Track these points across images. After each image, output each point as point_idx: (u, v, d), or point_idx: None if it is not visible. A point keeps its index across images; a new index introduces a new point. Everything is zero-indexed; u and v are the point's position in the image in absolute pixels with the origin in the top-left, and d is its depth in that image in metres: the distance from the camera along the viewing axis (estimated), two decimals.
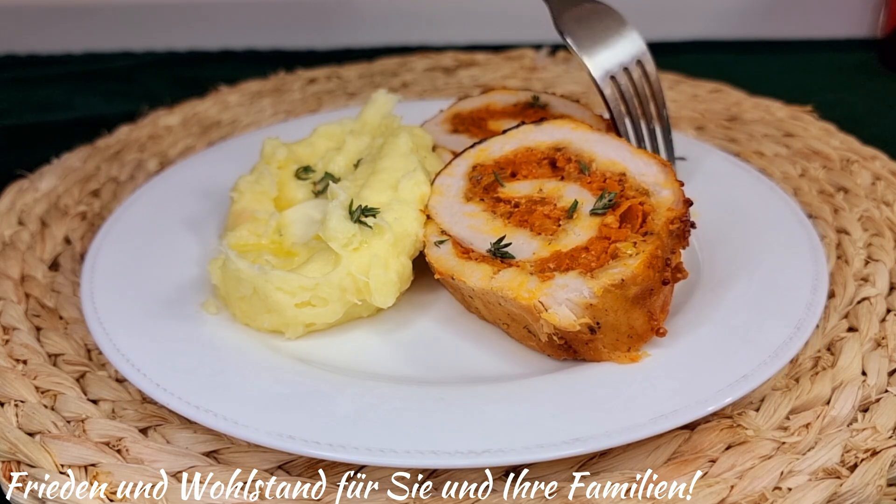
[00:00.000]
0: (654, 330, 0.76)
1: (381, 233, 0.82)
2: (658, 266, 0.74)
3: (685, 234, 0.79)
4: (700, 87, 1.35)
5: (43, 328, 0.88)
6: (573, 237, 0.78)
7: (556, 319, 0.72)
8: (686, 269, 0.80)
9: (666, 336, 0.76)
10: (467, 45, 1.54)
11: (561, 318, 0.72)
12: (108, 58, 1.63)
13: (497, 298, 0.76)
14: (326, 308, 0.81)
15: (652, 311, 0.75)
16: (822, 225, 1.00)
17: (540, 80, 1.38)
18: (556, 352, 0.76)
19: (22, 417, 0.77)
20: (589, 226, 0.79)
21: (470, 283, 0.77)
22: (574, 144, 0.88)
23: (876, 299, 0.88)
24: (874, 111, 1.34)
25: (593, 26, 0.98)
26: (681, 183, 0.81)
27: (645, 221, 0.77)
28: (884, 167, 1.11)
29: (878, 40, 1.53)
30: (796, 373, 0.80)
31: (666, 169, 0.82)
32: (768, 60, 1.52)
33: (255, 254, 0.87)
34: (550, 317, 0.72)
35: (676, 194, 0.79)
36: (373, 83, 1.39)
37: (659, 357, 0.75)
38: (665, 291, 0.77)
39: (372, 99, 1.04)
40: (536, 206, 0.82)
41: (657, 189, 0.80)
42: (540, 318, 0.73)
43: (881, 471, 0.70)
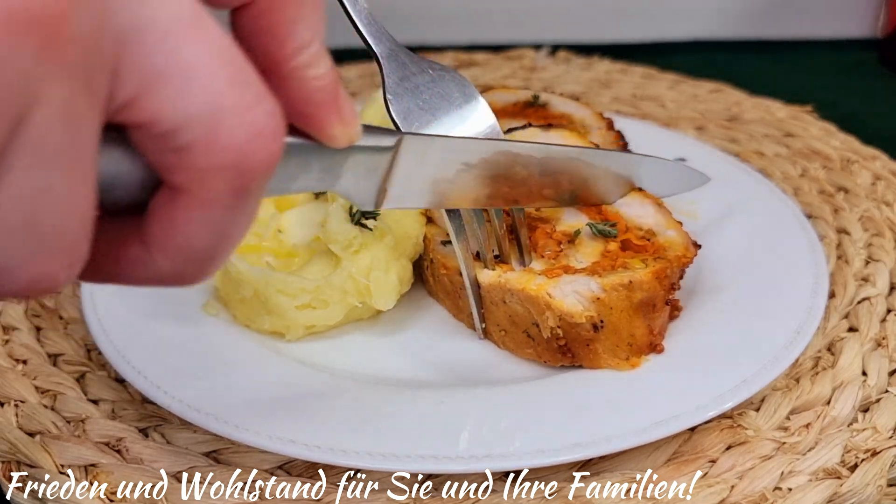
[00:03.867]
0: (652, 345, 0.76)
1: (381, 235, 0.82)
2: (665, 283, 0.75)
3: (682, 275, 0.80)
4: (700, 87, 1.35)
5: (43, 328, 0.88)
6: (578, 259, 0.79)
7: (563, 306, 0.72)
8: (682, 307, 0.81)
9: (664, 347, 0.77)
10: (467, 45, 1.54)
11: (568, 305, 0.72)
12: None
13: (502, 294, 0.76)
14: (327, 310, 0.81)
15: (652, 328, 0.75)
16: (823, 225, 1.00)
17: (540, 80, 1.38)
18: (553, 356, 0.76)
19: (22, 417, 0.77)
20: (592, 251, 0.80)
21: (479, 278, 0.77)
22: None
23: (876, 299, 0.88)
24: (874, 111, 1.34)
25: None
26: (680, 223, 0.83)
27: (657, 251, 0.79)
28: (884, 167, 1.11)
29: (879, 40, 1.53)
30: (796, 373, 0.80)
31: (663, 210, 0.84)
32: (768, 60, 1.52)
33: (256, 255, 0.87)
34: (558, 303, 0.72)
35: (683, 237, 0.81)
36: (373, 83, 1.39)
37: (659, 361, 0.75)
38: (664, 315, 0.77)
39: (372, 99, 1.04)
40: (537, 223, 0.82)
41: (661, 230, 0.82)
42: (546, 310, 0.73)
43: (881, 471, 0.70)
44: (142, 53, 0.40)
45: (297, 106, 0.49)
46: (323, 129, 0.50)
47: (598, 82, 1.38)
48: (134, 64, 0.40)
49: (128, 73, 0.40)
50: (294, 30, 0.48)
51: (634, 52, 1.49)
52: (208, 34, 0.42)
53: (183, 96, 0.41)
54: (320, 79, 0.49)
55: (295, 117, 0.50)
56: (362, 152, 0.56)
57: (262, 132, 0.43)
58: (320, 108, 0.49)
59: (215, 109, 0.42)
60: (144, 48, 0.40)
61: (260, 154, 0.43)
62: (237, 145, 0.43)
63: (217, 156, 0.43)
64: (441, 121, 0.74)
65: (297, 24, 0.48)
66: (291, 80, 0.48)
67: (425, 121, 0.73)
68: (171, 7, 0.41)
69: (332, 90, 0.50)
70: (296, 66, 0.48)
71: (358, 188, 0.59)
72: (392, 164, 0.60)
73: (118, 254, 0.47)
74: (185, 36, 0.41)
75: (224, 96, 0.42)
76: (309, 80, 0.48)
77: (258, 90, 0.44)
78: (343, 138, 0.52)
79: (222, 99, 0.42)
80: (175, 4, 0.41)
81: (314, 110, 0.49)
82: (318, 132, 0.51)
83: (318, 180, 0.54)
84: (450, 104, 0.75)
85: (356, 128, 0.53)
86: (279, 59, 0.48)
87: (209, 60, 0.42)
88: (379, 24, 0.75)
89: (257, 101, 0.43)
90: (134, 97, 0.41)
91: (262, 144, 0.43)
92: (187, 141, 0.42)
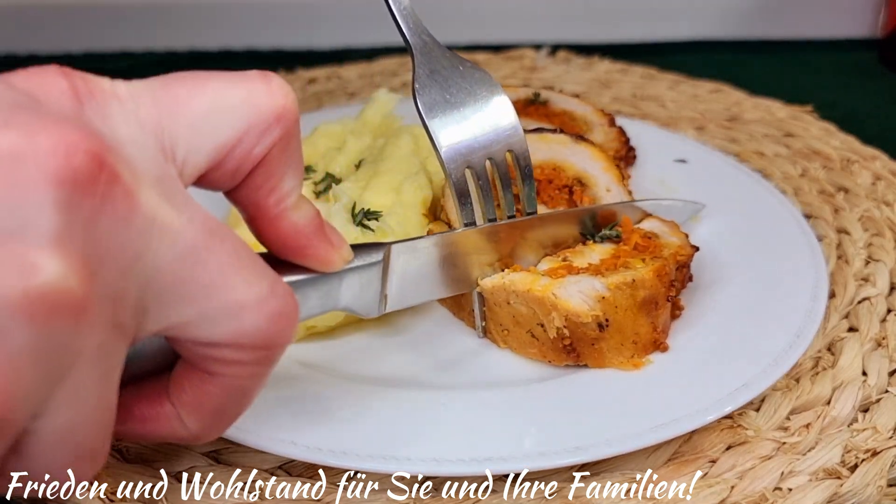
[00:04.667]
0: (656, 343, 0.76)
1: (384, 236, 0.82)
2: (665, 281, 0.76)
3: (684, 277, 0.81)
4: (700, 87, 1.35)
5: None
6: (583, 259, 0.79)
7: (569, 306, 0.72)
8: (683, 305, 0.82)
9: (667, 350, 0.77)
10: (467, 45, 1.54)
11: (574, 305, 0.73)
12: (109, 58, 1.63)
13: (507, 296, 0.76)
14: None
15: (656, 325, 0.76)
16: (823, 225, 1.00)
17: (540, 80, 1.38)
18: (558, 356, 0.76)
19: None
20: (594, 251, 0.80)
21: (482, 283, 0.78)
22: (590, 179, 0.89)
23: (876, 299, 0.88)
24: (874, 111, 1.34)
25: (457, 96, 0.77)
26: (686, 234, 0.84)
27: (655, 250, 0.80)
28: (884, 167, 1.11)
29: (879, 40, 1.53)
30: (796, 373, 0.80)
31: (672, 223, 0.85)
32: (768, 60, 1.52)
33: None
34: (564, 303, 0.72)
35: (682, 240, 0.82)
36: (373, 83, 1.39)
37: (659, 364, 0.75)
38: (666, 313, 0.77)
39: (372, 98, 1.04)
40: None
41: (665, 235, 0.82)
42: (552, 310, 0.73)
43: (882, 471, 0.70)
44: (166, 284, 0.45)
45: (290, 244, 0.55)
46: (318, 256, 0.56)
47: (598, 82, 1.38)
48: (160, 296, 0.45)
49: (155, 307, 0.45)
50: (280, 186, 0.53)
51: (634, 52, 1.49)
52: (220, 248, 0.46)
53: (207, 312, 0.46)
54: (307, 216, 0.55)
55: (289, 254, 0.55)
56: (355, 272, 0.61)
57: (280, 313, 0.49)
58: (312, 241, 0.55)
59: (238, 310, 0.47)
60: (166, 280, 0.45)
61: (281, 332, 0.49)
62: (261, 333, 0.48)
63: (244, 347, 0.48)
64: (464, 114, 0.76)
65: (283, 181, 0.53)
66: (281, 222, 0.54)
67: (449, 113, 0.76)
68: (186, 236, 0.45)
69: (318, 223, 0.56)
70: (284, 210, 0.54)
71: (359, 302, 0.64)
72: (385, 272, 0.66)
73: (149, 411, 0.52)
74: (200, 257, 0.45)
75: (243, 297, 0.47)
76: (298, 219, 0.54)
77: (270, 279, 0.49)
78: (338, 261, 0.58)
79: (242, 300, 0.47)
80: (189, 233, 0.45)
81: (307, 243, 0.55)
82: (315, 261, 0.56)
83: (320, 307, 0.59)
84: (475, 100, 0.77)
85: (347, 249, 0.59)
86: (268, 207, 0.54)
87: (225, 271, 0.46)
88: (417, 19, 0.79)
89: (271, 289, 0.49)
90: (162, 326, 0.46)
91: (282, 324, 0.49)
92: (215, 341, 0.47)
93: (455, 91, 0.76)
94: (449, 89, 0.76)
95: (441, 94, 0.76)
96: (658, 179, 1.03)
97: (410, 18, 0.78)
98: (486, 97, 0.77)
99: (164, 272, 0.44)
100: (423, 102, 0.75)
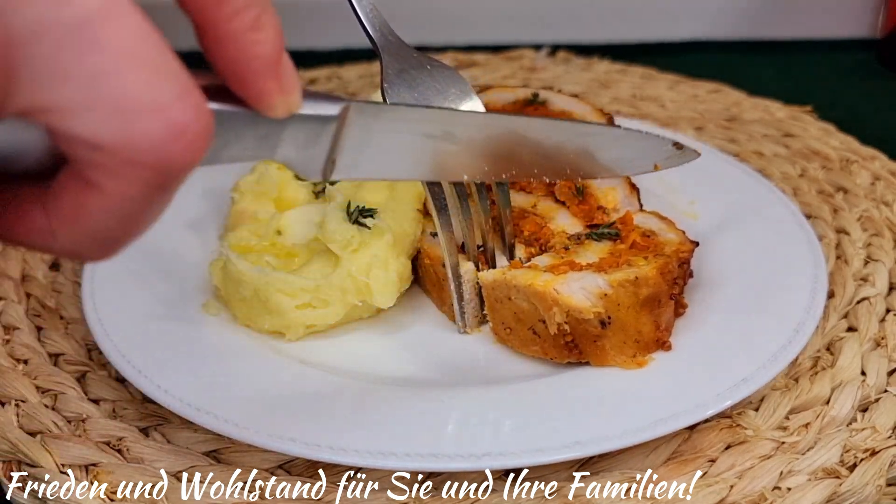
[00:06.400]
0: (659, 342, 0.76)
1: (380, 234, 0.82)
2: (668, 278, 0.76)
3: (686, 273, 0.81)
4: (700, 87, 1.35)
5: (44, 328, 0.89)
6: (582, 256, 0.79)
7: (571, 302, 0.72)
8: (686, 303, 0.82)
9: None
10: (467, 45, 1.54)
11: (576, 301, 0.73)
12: None
13: (508, 291, 0.76)
14: (327, 310, 0.81)
15: (658, 323, 0.76)
16: (822, 225, 1.01)
17: (539, 81, 1.38)
18: (560, 353, 0.76)
19: (23, 417, 0.77)
20: (596, 248, 0.80)
21: (482, 276, 0.77)
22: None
23: (875, 299, 0.88)
24: (874, 111, 1.34)
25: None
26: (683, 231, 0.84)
27: (656, 248, 0.80)
28: (883, 167, 1.11)
29: (878, 40, 1.53)
30: (795, 373, 0.80)
31: (666, 220, 0.85)
32: (768, 60, 1.52)
33: (256, 255, 0.87)
34: (566, 299, 0.72)
35: (681, 237, 0.82)
36: (373, 83, 1.39)
37: (658, 360, 0.76)
38: (670, 311, 0.77)
39: (372, 98, 1.04)
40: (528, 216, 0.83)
41: (662, 232, 0.82)
42: (553, 306, 0.73)
43: (881, 471, 0.70)
44: (42, 56, 0.38)
45: (233, 70, 0.47)
46: (260, 97, 0.48)
47: (598, 83, 1.38)
48: (32, 68, 0.38)
49: (25, 76, 0.38)
50: None
51: (634, 52, 1.49)
52: (121, 30, 0.39)
53: (89, 102, 0.39)
54: (260, 44, 0.46)
55: (231, 82, 0.47)
56: (303, 121, 0.53)
57: (183, 131, 0.41)
58: (258, 75, 0.47)
59: (128, 110, 0.40)
60: (44, 50, 0.38)
61: (180, 153, 0.41)
62: (153, 146, 0.41)
63: (131, 157, 0.41)
64: None
65: None
66: (229, 42, 0.46)
67: None
68: (80, 4, 0.38)
69: (272, 57, 0.47)
70: (234, 29, 0.45)
71: (301, 158, 0.56)
72: (339, 133, 0.57)
73: (17, 217, 0.45)
74: (93, 35, 0.39)
75: (138, 96, 0.40)
76: (248, 43, 0.46)
77: (180, 86, 0.41)
78: (281, 108, 0.49)
79: (136, 99, 0.40)
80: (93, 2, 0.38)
81: (252, 77, 0.47)
82: (255, 100, 0.48)
83: (254, 149, 0.51)
84: (444, 98, 0.77)
85: (296, 97, 0.50)
86: (216, 20, 0.45)
87: (120, 59, 0.39)
88: (382, 19, 0.78)
89: (178, 97, 0.41)
90: (35, 104, 0.39)
91: (183, 143, 0.41)
92: (98, 142, 0.40)
93: (423, 89, 0.77)
94: (417, 87, 0.77)
95: (409, 92, 0.76)
96: (657, 177, 1.02)
97: (376, 19, 0.78)
98: (455, 96, 0.77)
99: (44, 38, 0.38)
100: (392, 101, 0.76)
